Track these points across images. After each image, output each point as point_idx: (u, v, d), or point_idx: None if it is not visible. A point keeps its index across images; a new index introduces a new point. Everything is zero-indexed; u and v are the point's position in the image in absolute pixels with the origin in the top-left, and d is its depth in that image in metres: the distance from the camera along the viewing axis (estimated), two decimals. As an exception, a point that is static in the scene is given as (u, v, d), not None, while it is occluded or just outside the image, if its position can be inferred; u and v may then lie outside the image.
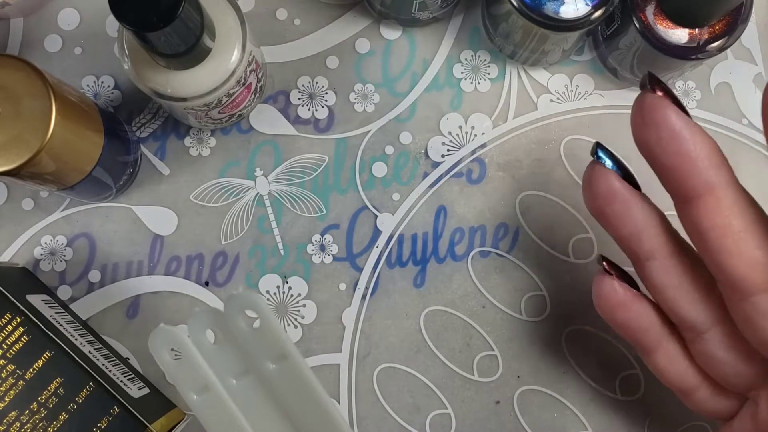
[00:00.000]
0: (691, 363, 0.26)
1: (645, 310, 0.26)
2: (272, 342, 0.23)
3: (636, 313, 0.26)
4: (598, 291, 0.26)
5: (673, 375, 0.27)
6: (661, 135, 0.22)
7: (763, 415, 0.24)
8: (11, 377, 0.27)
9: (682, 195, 0.23)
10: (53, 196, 0.33)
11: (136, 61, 0.28)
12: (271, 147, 0.34)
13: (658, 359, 0.27)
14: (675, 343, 0.26)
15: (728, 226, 0.22)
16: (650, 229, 0.24)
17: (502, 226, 0.34)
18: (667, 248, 0.25)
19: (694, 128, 0.22)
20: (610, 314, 0.26)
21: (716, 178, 0.22)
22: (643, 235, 0.24)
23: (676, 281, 0.25)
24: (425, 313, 0.33)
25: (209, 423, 0.24)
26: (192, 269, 0.33)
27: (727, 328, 0.25)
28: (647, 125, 0.23)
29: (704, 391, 0.27)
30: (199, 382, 0.23)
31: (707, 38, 0.30)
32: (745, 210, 0.22)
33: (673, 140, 0.22)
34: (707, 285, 0.25)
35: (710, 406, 0.27)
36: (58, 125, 0.26)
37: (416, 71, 0.34)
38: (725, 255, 0.22)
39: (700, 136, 0.22)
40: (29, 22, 0.34)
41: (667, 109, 0.22)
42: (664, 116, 0.22)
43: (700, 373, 0.26)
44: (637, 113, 0.23)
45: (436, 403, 0.32)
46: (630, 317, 0.26)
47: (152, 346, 0.23)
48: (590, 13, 0.29)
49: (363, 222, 0.33)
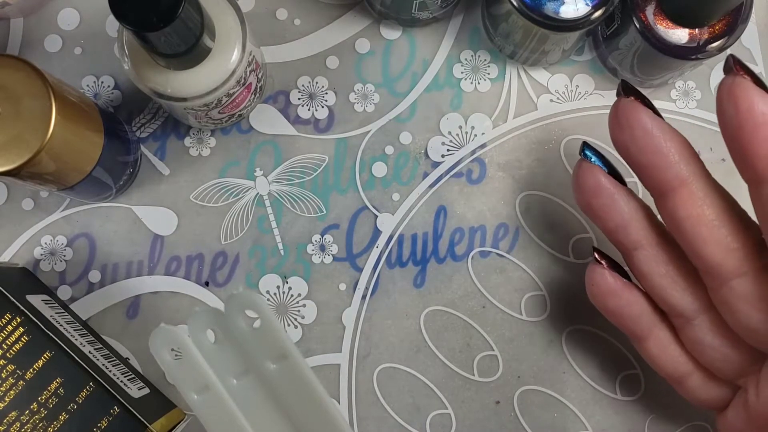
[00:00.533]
0: (682, 350, 0.28)
1: (635, 298, 0.28)
2: (272, 342, 0.23)
3: (626, 300, 0.27)
4: (590, 279, 0.28)
5: (664, 362, 0.28)
6: (635, 135, 0.24)
7: (753, 400, 0.25)
8: (11, 377, 0.27)
9: (657, 189, 0.25)
10: (53, 196, 0.33)
11: (136, 61, 0.28)
12: (271, 147, 0.34)
13: (649, 346, 0.28)
14: (666, 330, 0.28)
15: (702, 215, 0.24)
16: (635, 221, 0.26)
17: (502, 226, 0.34)
18: (652, 238, 0.26)
19: (664, 127, 0.24)
20: (602, 302, 0.28)
21: (687, 171, 0.24)
22: (629, 227, 0.26)
23: (662, 269, 0.26)
24: (425, 313, 0.33)
25: (209, 423, 0.24)
26: (192, 269, 0.33)
27: (714, 315, 0.26)
28: (622, 127, 0.25)
29: (696, 379, 0.28)
30: (199, 382, 0.23)
31: (707, 38, 0.30)
32: (717, 200, 0.24)
33: (646, 139, 0.24)
34: (693, 273, 0.26)
35: (703, 393, 0.28)
36: (58, 125, 0.26)
37: (416, 71, 0.34)
38: (701, 243, 0.24)
39: (671, 134, 0.24)
40: (29, 22, 0.34)
41: (639, 111, 0.24)
42: (637, 118, 0.24)
43: (691, 360, 0.27)
44: (614, 117, 0.25)
45: (436, 403, 0.32)
46: (621, 305, 0.28)
47: (153, 346, 0.23)
48: (590, 13, 0.29)
49: (363, 222, 0.33)
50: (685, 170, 0.24)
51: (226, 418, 0.23)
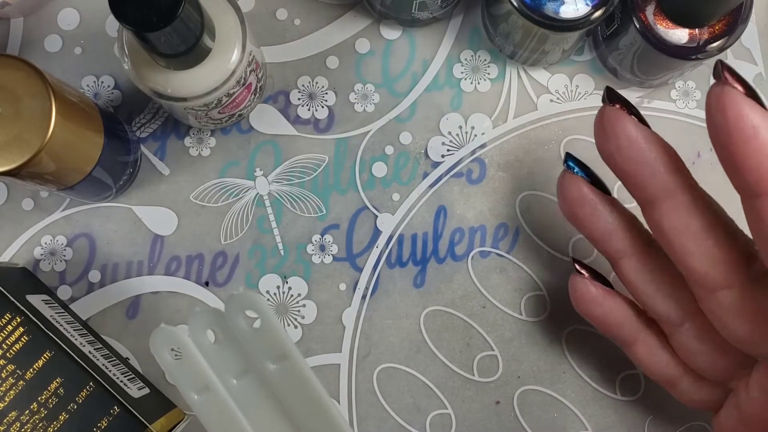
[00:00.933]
0: (672, 355, 0.28)
1: (618, 305, 0.28)
2: (273, 342, 0.23)
3: (609, 308, 0.28)
4: (572, 289, 0.29)
5: (654, 367, 0.28)
6: (619, 144, 0.24)
7: (744, 402, 0.25)
8: (11, 377, 0.27)
9: (643, 199, 0.25)
10: (53, 196, 0.33)
11: (136, 61, 0.28)
12: (271, 147, 0.34)
13: (637, 352, 0.28)
14: (654, 336, 0.28)
15: (687, 227, 0.24)
16: (619, 231, 0.26)
17: (502, 226, 0.34)
18: (637, 247, 0.26)
19: (650, 136, 0.24)
20: (585, 310, 0.29)
21: (673, 182, 0.24)
22: (613, 236, 0.26)
23: (648, 277, 0.26)
24: (425, 313, 0.33)
25: (209, 423, 0.24)
26: (192, 269, 0.33)
27: (701, 321, 0.26)
28: (608, 136, 0.24)
29: (687, 382, 0.28)
30: (199, 382, 0.23)
31: (707, 38, 0.30)
32: (703, 211, 0.24)
33: (631, 148, 0.24)
34: (680, 281, 0.26)
35: (695, 396, 0.28)
36: (58, 125, 0.26)
37: (416, 71, 0.34)
38: (687, 254, 0.24)
39: (656, 143, 0.24)
40: (29, 22, 0.34)
41: (625, 120, 0.24)
42: (622, 127, 0.24)
43: (681, 364, 0.28)
44: (599, 125, 0.25)
45: (436, 403, 0.32)
46: (604, 312, 0.28)
47: (153, 346, 0.23)
48: (590, 13, 0.29)
49: (363, 222, 0.33)
50: (670, 181, 0.24)
51: (226, 418, 0.23)
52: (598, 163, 0.34)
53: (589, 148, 0.34)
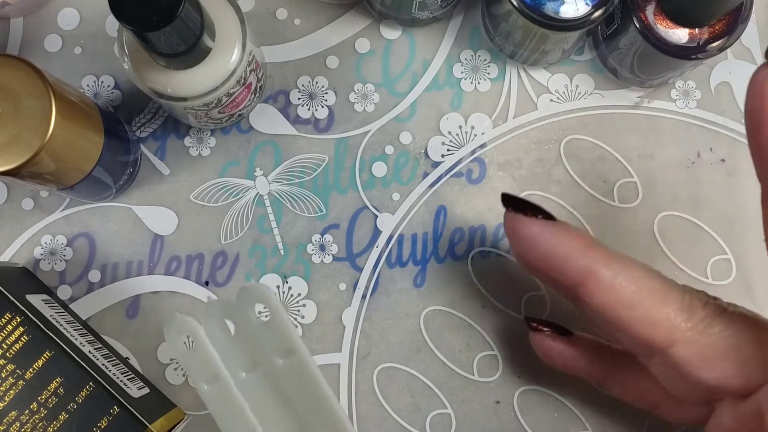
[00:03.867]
0: (647, 383, 0.27)
1: (580, 352, 0.29)
2: (281, 336, 0.23)
3: (572, 354, 0.29)
4: (533, 346, 0.30)
5: (631, 398, 0.29)
6: (525, 247, 0.25)
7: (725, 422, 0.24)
8: (11, 377, 0.27)
9: (568, 287, 0.25)
10: (53, 196, 0.33)
11: (136, 61, 0.28)
12: (271, 147, 0.34)
13: (610, 389, 0.29)
14: (625, 369, 0.28)
15: (617, 300, 0.23)
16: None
17: (502, 226, 0.33)
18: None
19: (551, 229, 0.24)
20: (551, 361, 0.30)
21: (587, 262, 0.24)
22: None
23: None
24: (425, 313, 0.33)
25: (217, 412, 0.24)
26: (192, 269, 0.33)
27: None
28: (513, 241, 0.26)
29: (668, 405, 0.27)
30: (209, 372, 0.24)
31: (707, 38, 0.30)
32: (630, 279, 0.23)
33: (536, 248, 0.25)
34: None
35: (679, 416, 0.27)
36: (58, 125, 0.26)
37: (416, 71, 0.34)
38: (626, 326, 0.24)
39: (560, 233, 0.24)
40: (29, 22, 0.34)
41: (521, 223, 0.25)
42: (521, 230, 0.25)
43: (658, 389, 0.27)
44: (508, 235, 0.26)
45: (436, 403, 0.32)
46: (567, 359, 0.29)
47: (167, 334, 0.24)
48: (590, 13, 0.29)
49: (363, 222, 0.33)
50: (584, 263, 0.24)
51: (233, 408, 0.24)
52: (598, 163, 0.34)
53: (589, 148, 0.34)
